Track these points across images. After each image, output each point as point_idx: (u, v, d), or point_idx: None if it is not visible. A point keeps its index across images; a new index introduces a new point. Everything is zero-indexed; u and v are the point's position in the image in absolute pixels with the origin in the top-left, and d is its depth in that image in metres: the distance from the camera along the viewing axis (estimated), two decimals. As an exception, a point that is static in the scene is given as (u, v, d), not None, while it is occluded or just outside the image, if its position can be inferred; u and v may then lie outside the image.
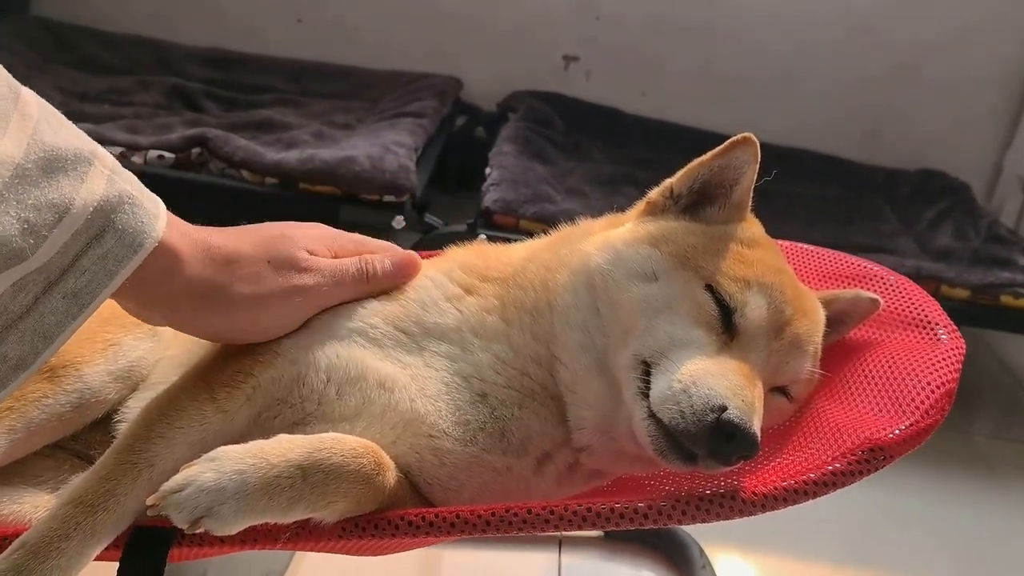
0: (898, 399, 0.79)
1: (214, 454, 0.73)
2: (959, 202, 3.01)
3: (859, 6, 3.30)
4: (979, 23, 3.28)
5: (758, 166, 0.89)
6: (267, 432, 0.79)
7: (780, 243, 1.03)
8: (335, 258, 0.89)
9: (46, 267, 0.67)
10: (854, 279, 1.02)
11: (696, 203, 0.92)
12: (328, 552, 0.86)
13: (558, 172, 2.75)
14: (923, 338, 0.87)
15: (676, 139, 3.13)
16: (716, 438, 0.74)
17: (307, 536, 0.77)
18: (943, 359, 0.81)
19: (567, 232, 0.98)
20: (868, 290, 0.97)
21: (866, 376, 0.86)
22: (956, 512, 2.14)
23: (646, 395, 0.79)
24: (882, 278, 0.99)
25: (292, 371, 0.85)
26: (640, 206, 0.95)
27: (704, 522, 0.74)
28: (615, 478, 0.99)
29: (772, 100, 3.39)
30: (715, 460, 0.75)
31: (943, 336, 0.86)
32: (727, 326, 0.82)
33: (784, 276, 0.87)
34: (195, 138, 2.37)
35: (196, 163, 2.37)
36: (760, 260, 0.86)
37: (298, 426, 0.84)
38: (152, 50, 3.20)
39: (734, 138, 0.87)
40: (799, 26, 3.32)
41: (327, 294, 0.87)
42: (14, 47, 2.91)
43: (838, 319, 0.94)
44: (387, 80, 3.18)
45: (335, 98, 3.05)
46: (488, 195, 2.42)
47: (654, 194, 0.94)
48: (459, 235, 2.30)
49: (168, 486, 0.71)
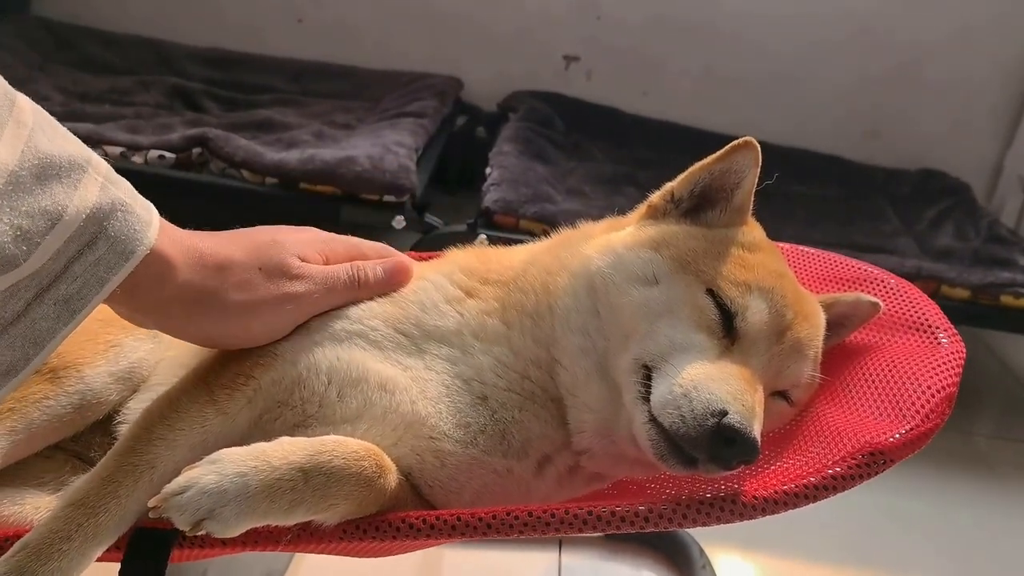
0: (898, 403, 0.79)
1: (215, 456, 0.73)
2: (959, 202, 3.01)
3: (860, 7, 3.30)
4: (979, 23, 3.28)
5: (759, 170, 0.89)
6: (268, 434, 0.79)
7: (781, 246, 1.03)
8: (327, 263, 0.89)
9: (38, 274, 0.67)
10: (855, 282, 1.02)
11: (697, 207, 0.92)
12: (329, 554, 0.87)
13: (558, 172, 2.75)
14: (923, 342, 0.87)
15: (677, 139, 3.12)
16: (717, 443, 0.74)
17: (308, 538, 0.77)
18: (943, 363, 0.82)
19: (568, 235, 0.98)
20: (868, 293, 0.97)
21: (866, 380, 0.86)
22: (956, 512, 2.14)
23: (647, 399, 0.79)
24: (882, 281, 0.99)
25: (293, 373, 0.85)
26: (641, 209, 0.95)
27: (705, 525, 0.74)
28: (616, 481, 0.99)
29: (772, 100, 3.39)
30: (715, 464, 0.75)
31: (943, 340, 0.86)
32: (728, 330, 0.82)
33: (785, 280, 0.87)
34: (196, 138, 2.36)
35: (197, 163, 2.36)
36: (761, 264, 0.86)
37: (299, 428, 0.84)
38: (153, 50, 3.19)
39: (735, 142, 0.87)
40: (799, 26, 3.32)
41: (318, 301, 0.87)
42: (14, 47, 2.90)
43: (839, 323, 0.94)
44: (387, 80, 3.18)
45: (335, 98, 3.05)
46: (488, 195, 2.42)
47: (655, 198, 0.94)
48: (459, 235, 2.31)
49: (170, 488, 0.71)
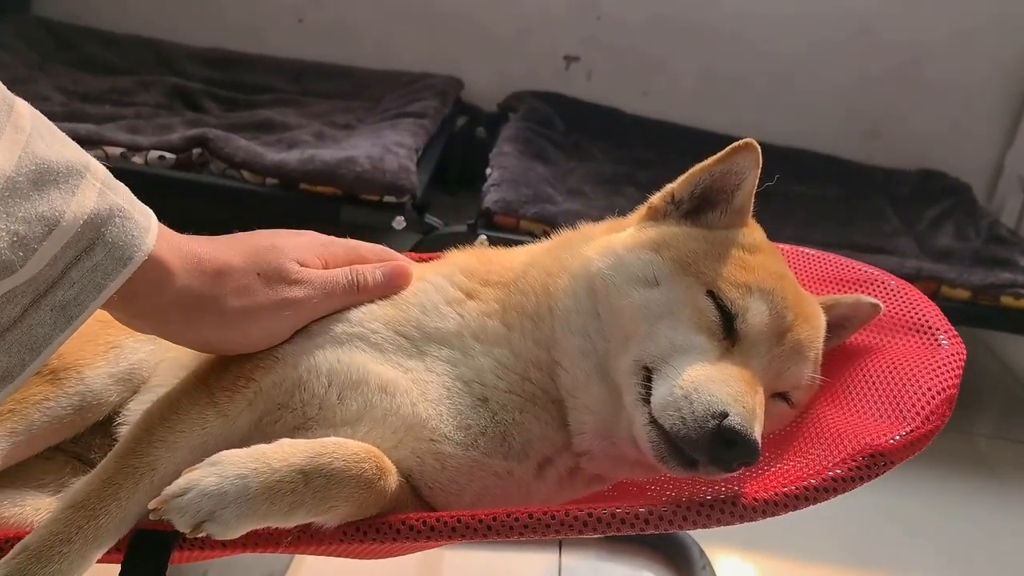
0: (899, 405, 0.79)
1: (216, 458, 0.73)
2: (960, 202, 3.01)
3: (859, 7, 3.30)
4: (979, 24, 3.27)
5: (760, 171, 0.89)
6: (269, 436, 0.79)
7: (781, 247, 1.03)
8: (326, 267, 0.89)
9: (35, 279, 0.66)
10: (855, 283, 1.02)
11: (698, 208, 0.92)
12: (330, 556, 0.87)
13: (559, 172, 2.75)
14: (924, 343, 0.87)
15: (677, 139, 3.12)
16: (717, 444, 0.74)
17: (309, 540, 0.77)
18: (944, 365, 0.81)
19: (568, 236, 0.98)
20: (869, 295, 0.97)
21: (867, 382, 0.86)
22: (956, 512, 2.14)
23: (647, 401, 0.79)
24: (883, 282, 0.99)
25: (293, 375, 0.85)
26: (641, 211, 0.95)
27: (705, 527, 0.74)
28: (616, 483, 0.99)
29: (772, 100, 3.39)
30: (716, 466, 0.75)
31: (944, 341, 0.86)
32: (728, 332, 0.82)
33: (785, 281, 0.87)
34: (196, 138, 2.36)
35: (197, 163, 2.36)
36: (761, 266, 0.86)
37: (299, 430, 0.84)
38: (153, 50, 3.19)
39: (736, 143, 0.87)
40: (799, 26, 3.32)
41: (317, 306, 0.87)
42: (15, 47, 2.90)
43: (839, 324, 0.94)
44: (388, 80, 3.18)
45: (336, 98, 3.04)
46: (489, 195, 2.41)
47: (655, 199, 0.94)
48: (460, 236, 2.31)
49: (170, 490, 0.71)
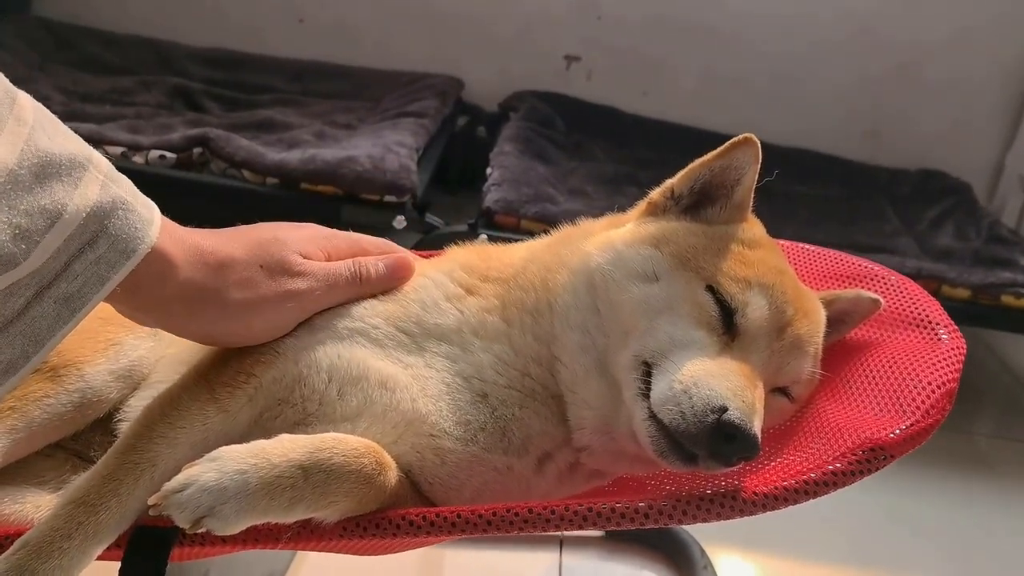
0: (899, 399, 0.79)
1: (216, 454, 0.73)
2: (960, 202, 3.01)
3: (859, 7, 3.30)
4: (979, 23, 3.28)
5: (759, 166, 0.89)
6: (269, 432, 0.79)
7: (781, 243, 1.03)
8: (329, 260, 0.89)
9: (38, 272, 0.66)
10: (855, 279, 1.02)
11: (697, 203, 0.92)
12: (329, 552, 0.87)
13: (559, 172, 2.75)
14: (924, 338, 0.87)
15: (677, 139, 3.13)
16: (717, 439, 0.74)
17: (308, 536, 0.77)
18: (944, 359, 0.81)
19: (568, 232, 0.98)
20: (869, 290, 0.97)
21: (867, 376, 0.86)
22: (956, 512, 2.14)
23: (647, 396, 0.79)
24: (883, 278, 0.99)
25: (294, 371, 0.85)
26: (641, 206, 0.95)
27: (705, 522, 0.74)
28: (616, 478, 0.99)
29: (773, 100, 3.39)
30: (716, 461, 0.75)
31: (944, 336, 0.86)
32: (728, 327, 0.82)
33: (785, 276, 0.87)
34: (196, 138, 2.37)
35: (197, 163, 2.37)
36: (761, 261, 0.86)
37: (300, 426, 0.84)
38: (153, 50, 3.20)
39: (735, 139, 0.87)
40: (800, 27, 3.32)
41: (320, 298, 0.87)
42: (15, 47, 2.91)
43: (839, 319, 0.94)
44: (388, 80, 3.18)
45: (336, 98, 3.05)
46: (489, 195, 2.42)
47: (655, 194, 0.94)
48: (460, 235, 2.29)
49: (170, 486, 0.71)
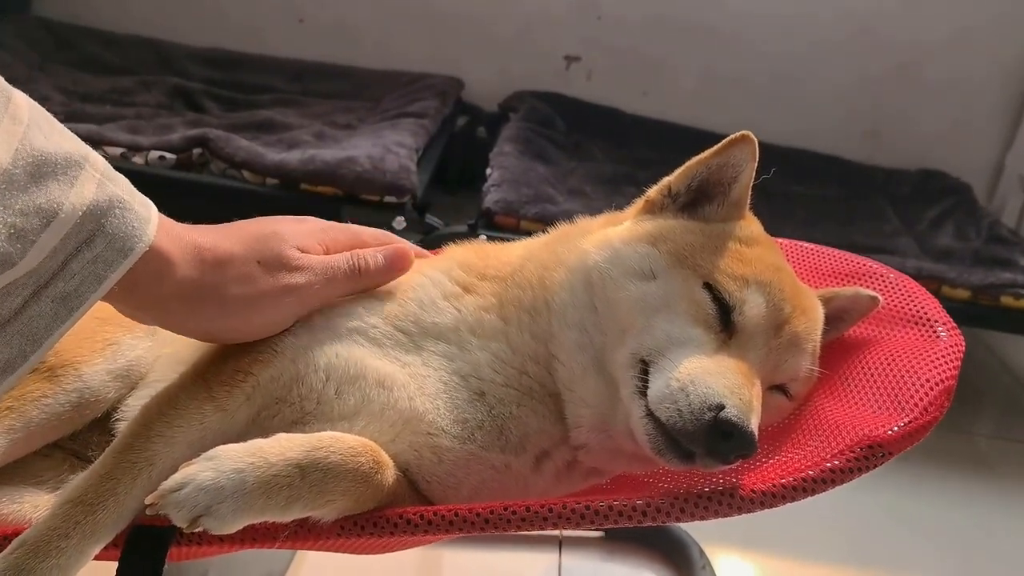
0: (897, 396, 0.79)
1: (213, 453, 0.73)
2: (960, 202, 3.01)
3: (860, 7, 3.30)
4: (979, 23, 3.28)
5: (756, 164, 0.89)
6: (266, 431, 0.79)
7: (779, 241, 1.02)
8: (327, 253, 0.88)
9: (35, 271, 0.66)
10: (853, 276, 1.02)
11: (694, 201, 0.92)
12: (327, 551, 0.87)
13: (559, 172, 2.75)
14: (922, 335, 0.87)
15: (677, 139, 3.12)
16: (714, 437, 0.74)
17: (306, 534, 0.77)
18: (942, 356, 0.81)
19: (565, 230, 0.98)
20: (867, 287, 0.97)
21: (865, 373, 0.86)
22: (956, 512, 2.14)
23: (644, 393, 0.79)
24: (881, 275, 0.99)
25: (291, 370, 0.85)
26: (638, 204, 0.95)
27: (703, 519, 0.74)
28: (614, 476, 0.99)
29: (773, 100, 3.39)
30: (713, 459, 0.75)
31: (942, 333, 0.86)
32: (725, 324, 0.82)
33: (783, 274, 0.87)
34: (196, 138, 2.37)
35: (197, 163, 2.37)
36: (759, 258, 0.86)
37: (297, 425, 0.84)
38: (153, 50, 3.20)
39: (732, 136, 0.87)
40: (800, 26, 3.32)
41: (319, 292, 0.86)
42: (15, 47, 2.91)
43: (837, 316, 0.94)
44: (388, 80, 3.18)
45: (336, 98, 3.05)
46: (489, 195, 2.42)
47: (652, 192, 0.94)
48: (460, 236, 2.28)
49: (167, 485, 0.71)
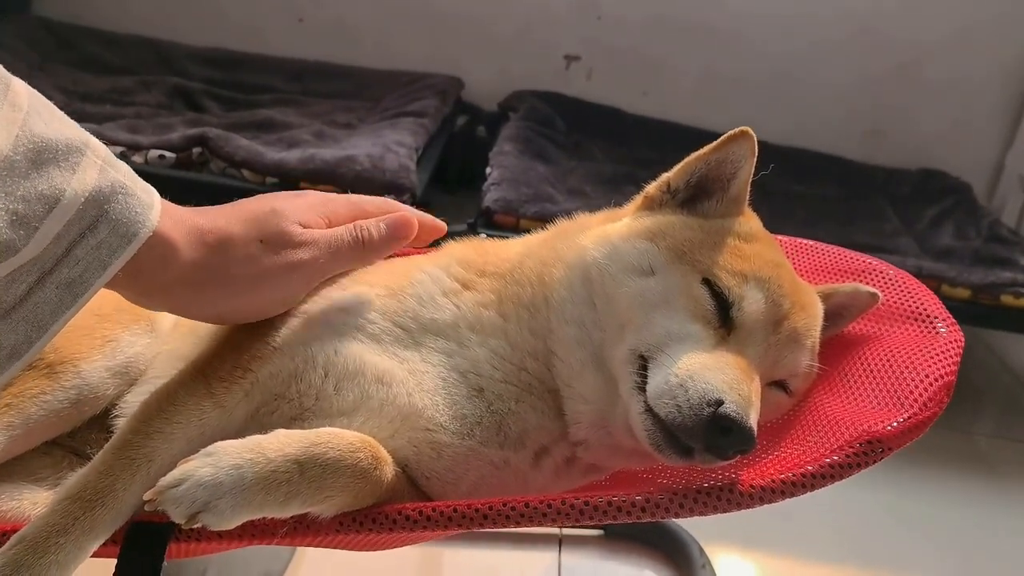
0: (896, 392, 0.79)
1: (211, 449, 0.73)
2: (960, 202, 3.01)
3: (860, 6, 3.30)
4: (980, 23, 3.28)
5: (755, 160, 0.89)
6: (265, 427, 0.78)
7: (778, 238, 1.02)
8: (330, 226, 0.87)
9: (39, 258, 0.67)
10: (853, 273, 1.02)
11: (693, 197, 0.92)
12: (326, 547, 0.86)
13: (559, 172, 2.75)
14: (921, 331, 0.87)
15: (677, 139, 3.12)
16: (712, 432, 0.74)
17: (305, 531, 0.77)
18: (941, 352, 0.81)
19: (564, 227, 0.98)
20: (866, 284, 0.97)
21: (864, 369, 0.86)
22: (956, 512, 2.14)
23: (643, 389, 0.79)
24: (881, 272, 0.99)
25: (290, 366, 0.85)
26: (637, 200, 0.95)
27: (702, 515, 0.74)
28: (613, 473, 0.99)
29: (773, 100, 3.39)
30: (712, 454, 0.75)
31: (941, 329, 0.86)
32: (724, 320, 0.82)
33: (782, 270, 0.87)
34: (196, 138, 2.37)
35: (197, 163, 2.37)
36: (758, 254, 0.86)
37: (296, 421, 0.84)
38: (153, 50, 3.20)
39: (731, 132, 0.87)
40: (800, 26, 3.32)
41: (324, 267, 0.85)
42: (15, 47, 2.91)
43: (836, 313, 0.94)
44: (388, 80, 3.18)
45: (336, 98, 3.05)
46: (489, 195, 2.42)
47: (651, 188, 0.94)
48: (459, 235, 2.29)
49: (165, 481, 0.71)
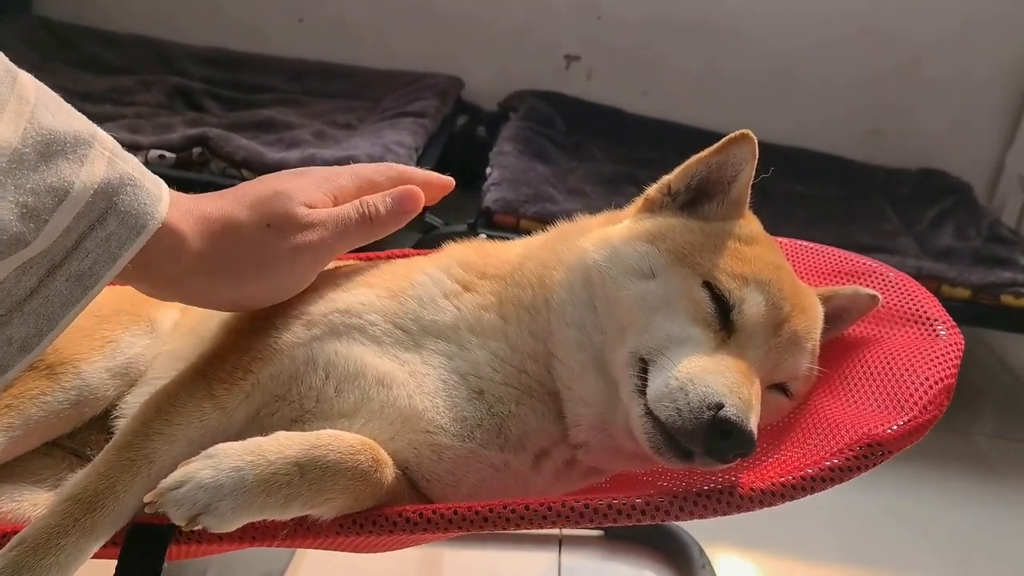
0: (896, 395, 0.79)
1: (212, 451, 0.73)
2: (960, 202, 3.01)
3: (860, 6, 3.30)
4: (980, 22, 3.27)
5: (756, 162, 0.89)
6: (265, 429, 0.78)
7: (779, 240, 1.02)
8: (336, 203, 0.86)
9: (49, 251, 0.67)
10: (853, 275, 1.02)
11: (694, 200, 0.92)
12: (326, 549, 0.86)
13: (559, 172, 2.75)
14: (921, 334, 0.87)
15: (677, 139, 3.12)
16: (713, 435, 0.74)
17: (305, 533, 0.77)
18: (941, 355, 0.81)
19: (565, 229, 0.98)
20: (867, 286, 0.97)
21: (864, 372, 0.86)
22: (956, 512, 2.14)
23: (643, 392, 0.79)
24: (881, 274, 0.99)
25: (291, 368, 0.85)
26: (638, 203, 0.95)
27: (702, 518, 0.74)
28: (613, 475, 0.99)
29: (773, 99, 3.39)
30: (712, 457, 0.75)
31: (941, 332, 0.86)
32: (725, 323, 0.82)
33: (782, 272, 0.87)
34: (196, 138, 2.36)
35: (197, 163, 2.36)
36: (758, 257, 0.86)
37: (296, 423, 0.84)
38: (153, 50, 3.20)
39: (732, 135, 0.87)
40: (800, 26, 3.32)
41: (333, 247, 0.85)
42: (15, 47, 2.91)
43: (837, 315, 0.94)
44: (388, 80, 3.18)
45: (336, 98, 3.05)
46: (489, 195, 2.41)
47: (652, 191, 0.94)
48: (459, 235, 2.27)
49: (166, 483, 0.71)
